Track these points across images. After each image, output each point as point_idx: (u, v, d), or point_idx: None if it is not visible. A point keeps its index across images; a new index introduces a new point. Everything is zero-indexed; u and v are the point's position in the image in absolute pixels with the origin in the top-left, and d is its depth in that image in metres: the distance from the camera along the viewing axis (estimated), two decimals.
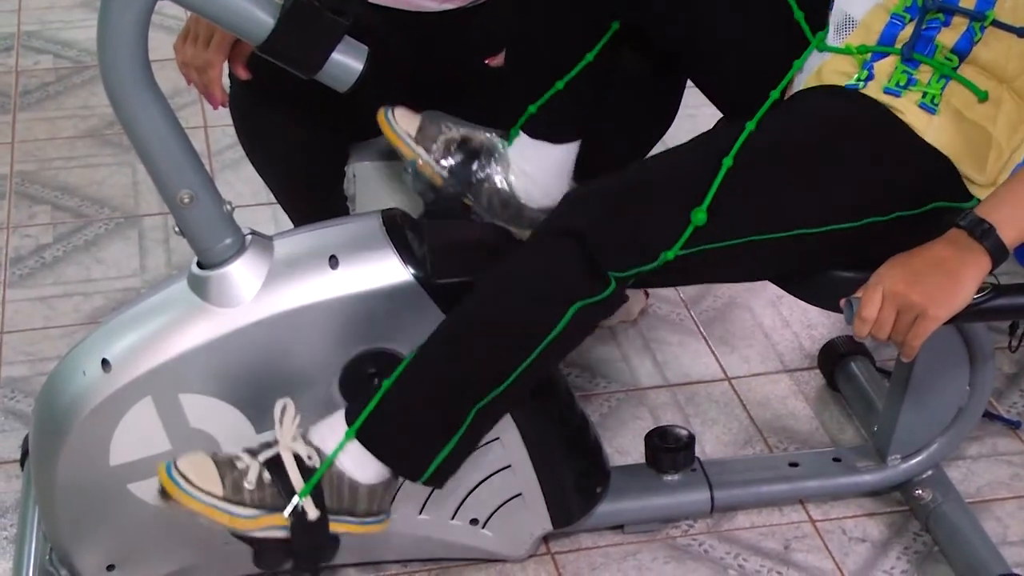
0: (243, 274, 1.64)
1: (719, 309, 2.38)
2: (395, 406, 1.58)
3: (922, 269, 1.47)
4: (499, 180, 1.77)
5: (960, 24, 1.58)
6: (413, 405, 1.59)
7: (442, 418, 1.59)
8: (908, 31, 1.60)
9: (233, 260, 1.63)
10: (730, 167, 1.52)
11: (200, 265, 1.65)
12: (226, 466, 1.55)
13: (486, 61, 1.94)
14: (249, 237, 1.66)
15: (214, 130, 2.85)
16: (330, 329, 1.66)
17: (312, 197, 2.09)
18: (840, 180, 1.56)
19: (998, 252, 1.46)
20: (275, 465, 1.56)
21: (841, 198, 1.56)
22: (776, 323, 2.35)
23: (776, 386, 2.22)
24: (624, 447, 2.09)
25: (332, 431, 1.59)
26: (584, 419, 1.85)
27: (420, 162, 1.78)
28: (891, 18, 1.61)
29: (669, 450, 1.91)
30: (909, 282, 1.46)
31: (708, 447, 2.09)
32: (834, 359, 2.18)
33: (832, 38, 1.66)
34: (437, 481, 1.62)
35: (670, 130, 1.98)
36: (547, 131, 1.77)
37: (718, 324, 2.35)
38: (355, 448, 1.57)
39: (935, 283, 1.46)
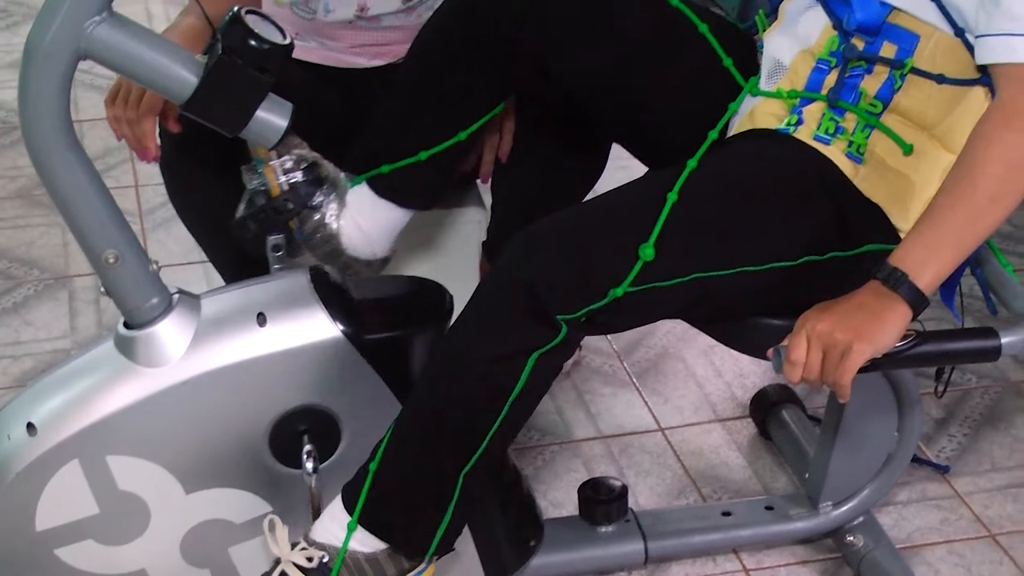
0: (170, 333, 1.63)
1: (652, 360, 2.40)
2: (388, 487, 1.58)
3: (846, 311, 1.49)
4: (330, 217, 1.75)
5: (882, 72, 1.60)
6: (403, 484, 1.58)
7: (434, 492, 1.58)
8: (833, 77, 1.62)
9: (160, 320, 1.62)
10: (675, 202, 1.53)
11: (127, 325, 1.64)
12: None
13: None
14: (176, 296, 1.65)
15: (145, 189, 2.84)
16: (259, 387, 1.65)
17: (243, 254, 2.09)
18: (779, 219, 1.58)
19: (915, 299, 1.48)
20: None
21: (780, 236, 1.58)
22: (708, 373, 2.37)
23: (709, 436, 2.23)
24: (558, 500, 2.09)
25: (335, 521, 1.59)
26: (516, 473, 1.85)
27: (268, 164, 1.74)
28: (817, 63, 1.64)
29: (602, 502, 1.91)
30: (833, 322, 1.48)
31: (642, 498, 2.10)
32: (766, 408, 2.20)
33: (764, 83, 1.68)
34: (441, 552, 1.62)
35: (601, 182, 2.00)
36: (393, 194, 1.76)
37: (651, 375, 2.36)
38: (360, 530, 1.58)
39: (859, 320, 1.48)
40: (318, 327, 1.65)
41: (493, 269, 1.59)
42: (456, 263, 2.11)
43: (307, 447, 1.66)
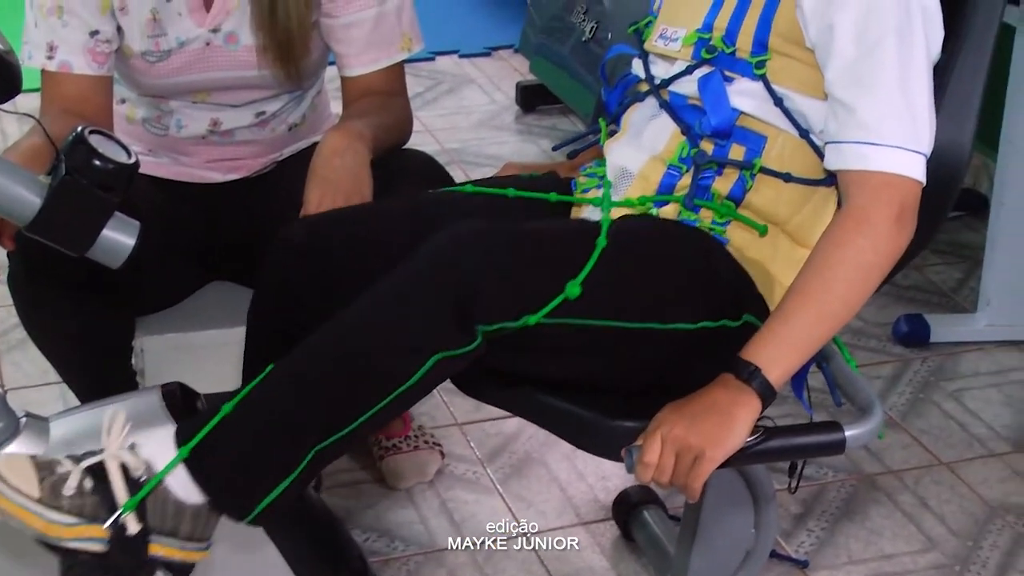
0: None
1: (515, 465, 2.40)
2: (230, 436, 1.51)
3: (698, 412, 1.51)
4: None
5: (732, 173, 1.65)
6: (249, 438, 1.52)
7: (279, 457, 1.52)
8: (685, 181, 1.66)
9: (6, 444, 1.59)
10: (604, 247, 1.54)
11: None
12: (46, 469, 1.47)
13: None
14: (23, 420, 1.62)
15: None
16: None
17: (97, 374, 2.06)
18: (689, 281, 1.61)
19: (766, 392, 1.51)
20: (99, 473, 1.49)
21: (686, 298, 1.60)
22: (571, 476, 2.38)
23: (573, 539, 2.23)
24: None
25: (162, 448, 1.52)
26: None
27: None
28: (668, 169, 1.68)
29: None
30: (686, 425, 1.50)
31: None
32: (627, 509, 2.21)
33: (612, 193, 1.70)
34: (261, 522, 1.55)
35: None
36: None
37: (514, 480, 2.36)
38: (184, 470, 1.51)
39: (711, 424, 1.50)
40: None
41: (414, 263, 1.53)
42: None
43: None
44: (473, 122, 3.77)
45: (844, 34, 1.56)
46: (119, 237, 1.56)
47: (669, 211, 1.67)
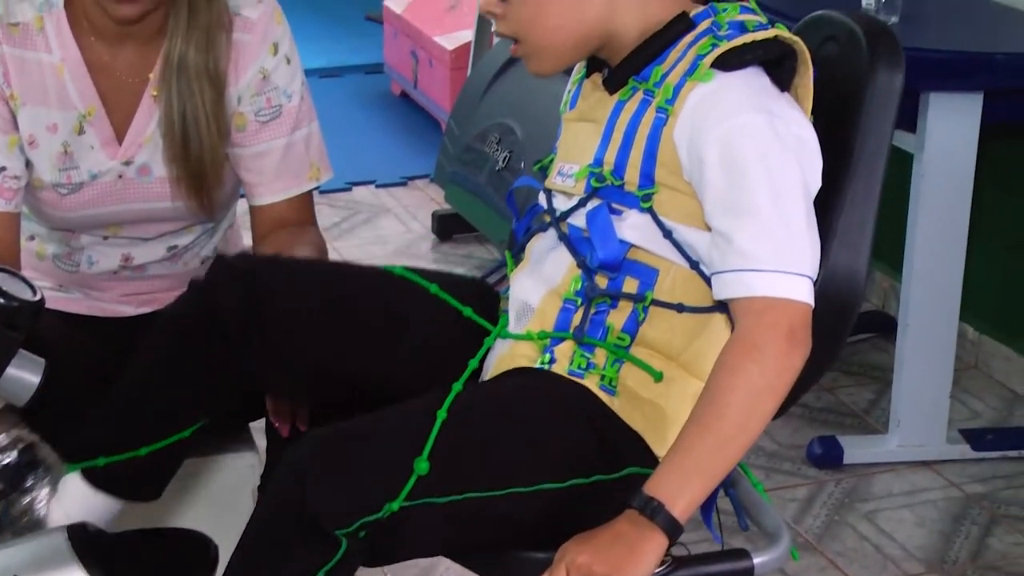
0: None
1: None
2: None
3: (603, 542, 1.51)
4: (40, 503, 1.70)
5: (626, 306, 1.66)
6: None
7: None
8: (579, 316, 1.68)
9: None
10: (444, 420, 1.55)
11: None
12: None
13: None
14: None
15: None
16: None
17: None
18: (544, 442, 1.61)
19: (671, 528, 1.51)
20: None
21: (546, 459, 1.60)
22: None
23: None
24: None
25: None
26: None
27: None
28: (564, 303, 1.69)
29: None
30: (591, 554, 1.50)
31: None
32: None
33: (513, 325, 1.73)
34: None
35: None
36: (108, 486, 1.72)
37: None
38: None
39: (616, 555, 1.50)
40: None
41: (264, 495, 1.56)
42: (228, 510, 2.08)
43: None
44: (390, 251, 3.80)
45: (713, 166, 1.59)
46: (24, 375, 1.56)
47: (565, 348, 1.68)
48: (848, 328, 1.73)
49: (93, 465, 1.71)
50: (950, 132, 2.68)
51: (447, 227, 3.93)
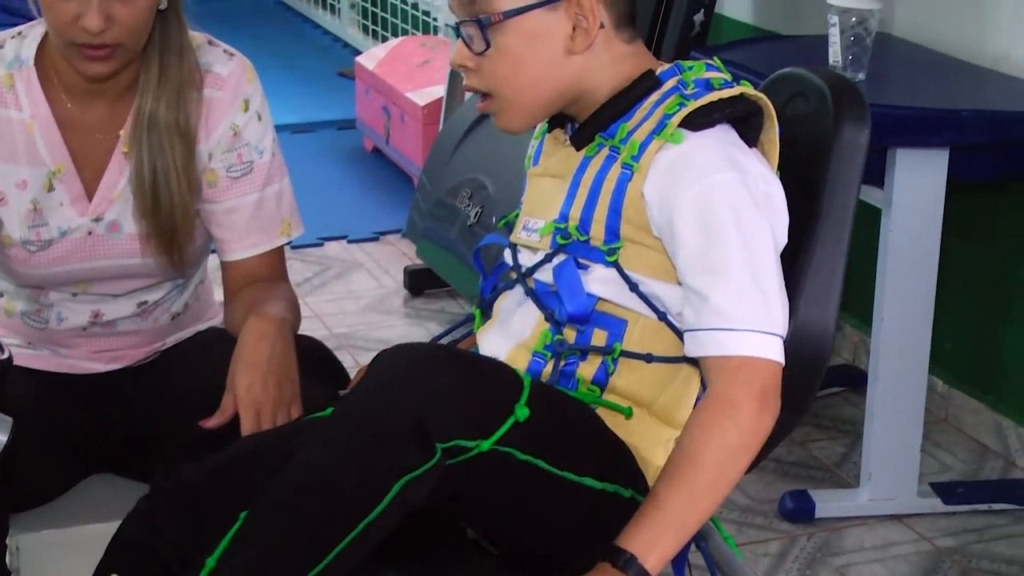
0: None
1: None
2: None
3: None
4: None
5: (595, 358, 1.68)
6: None
7: None
8: (549, 368, 1.69)
9: None
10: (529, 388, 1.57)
11: None
12: None
13: (200, 423, 1.87)
14: None
15: None
16: None
17: None
18: (593, 440, 1.64)
19: None
20: None
21: (593, 455, 1.62)
22: None
23: None
24: None
25: None
26: None
27: None
28: (533, 357, 1.70)
29: None
30: None
31: None
32: None
33: None
34: None
35: None
36: None
37: None
38: None
39: None
40: None
41: (369, 382, 1.56)
42: None
43: None
44: (362, 306, 3.79)
45: (686, 225, 1.61)
46: None
47: None
48: (817, 383, 1.74)
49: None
50: (917, 187, 2.71)
51: (419, 282, 3.93)
